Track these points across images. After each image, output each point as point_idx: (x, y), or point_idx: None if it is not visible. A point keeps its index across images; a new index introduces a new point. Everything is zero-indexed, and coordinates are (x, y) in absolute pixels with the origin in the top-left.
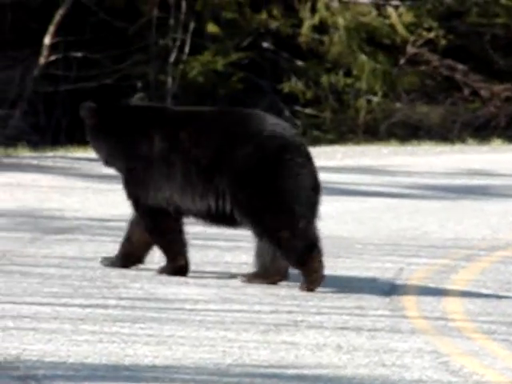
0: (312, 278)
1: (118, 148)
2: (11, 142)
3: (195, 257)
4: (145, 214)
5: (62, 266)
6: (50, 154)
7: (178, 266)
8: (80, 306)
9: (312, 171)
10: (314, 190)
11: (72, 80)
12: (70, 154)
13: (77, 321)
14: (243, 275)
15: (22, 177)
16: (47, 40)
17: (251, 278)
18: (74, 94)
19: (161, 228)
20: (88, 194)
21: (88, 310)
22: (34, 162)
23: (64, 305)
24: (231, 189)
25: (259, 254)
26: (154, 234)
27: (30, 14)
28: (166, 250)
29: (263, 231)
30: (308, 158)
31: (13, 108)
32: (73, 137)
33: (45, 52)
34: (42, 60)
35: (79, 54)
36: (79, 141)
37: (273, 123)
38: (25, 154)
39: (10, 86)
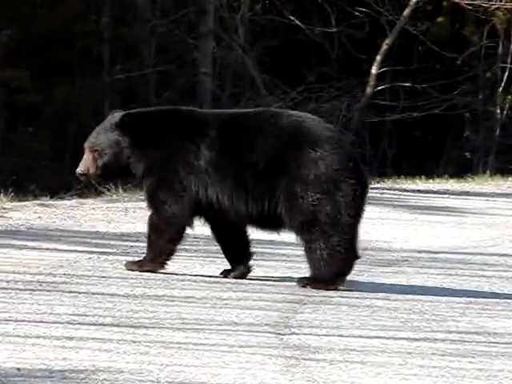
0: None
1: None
2: None
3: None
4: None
5: (390, 298)
6: (377, 185)
7: (148, 268)
8: (408, 339)
9: (363, 178)
10: (362, 197)
11: (399, 110)
12: (396, 186)
13: (405, 354)
14: (300, 279)
15: None
16: (374, 70)
17: (310, 282)
18: (400, 124)
19: (166, 234)
20: (415, 225)
21: (416, 343)
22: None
23: (392, 338)
24: (286, 193)
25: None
26: (156, 234)
27: (356, 45)
28: (155, 250)
29: (311, 236)
30: (359, 165)
31: None
32: (399, 168)
33: (371, 82)
34: (368, 90)
35: (406, 84)
36: (406, 172)
37: (328, 128)
38: None
39: (336, 116)
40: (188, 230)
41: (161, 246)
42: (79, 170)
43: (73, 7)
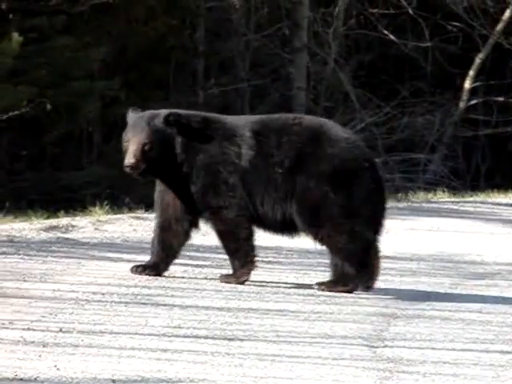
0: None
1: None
2: (431, 186)
3: None
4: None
5: (483, 311)
6: (470, 199)
7: (245, 278)
8: (501, 352)
9: (381, 182)
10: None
11: (492, 124)
12: (489, 200)
13: (498, 367)
14: (319, 284)
15: (441, 222)
16: (467, 84)
17: (329, 286)
18: (493, 138)
19: (239, 234)
20: (508, 239)
21: (509, 356)
22: (454, 207)
23: (485, 351)
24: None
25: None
26: (231, 241)
27: (449, 59)
28: (240, 255)
29: (323, 236)
30: (376, 168)
31: (432, 153)
32: (492, 181)
33: (464, 96)
34: (461, 104)
35: (499, 98)
36: (499, 186)
37: (345, 131)
38: (445, 199)
39: (430, 130)
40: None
41: (242, 248)
42: (129, 161)
43: (168, 22)
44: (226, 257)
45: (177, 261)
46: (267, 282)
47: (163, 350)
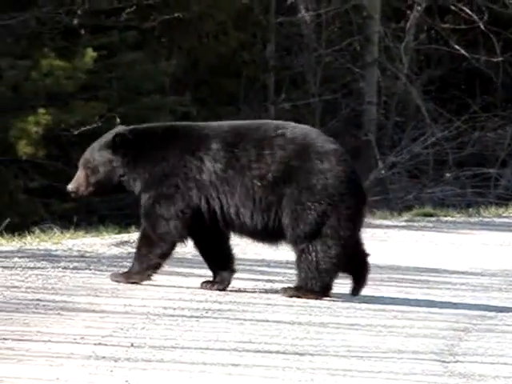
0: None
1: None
2: (502, 201)
3: None
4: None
5: None
6: None
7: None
8: None
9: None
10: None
11: None
12: None
13: None
14: (285, 289)
15: None
16: None
17: (299, 293)
18: None
19: (158, 248)
20: None
21: None
22: None
23: None
24: (293, 202)
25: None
26: (150, 248)
27: None
28: (144, 263)
29: (310, 247)
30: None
31: (503, 167)
32: None
33: None
34: None
35: None
36: None
37: (330, 140)
38: None
39: (501, 145)
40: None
41: (151, 259)
42: (69, 187)
43: (239, 37)
44: (296, 271)
45: (247, 275)
46: (338, 297)
47: (234, 365)
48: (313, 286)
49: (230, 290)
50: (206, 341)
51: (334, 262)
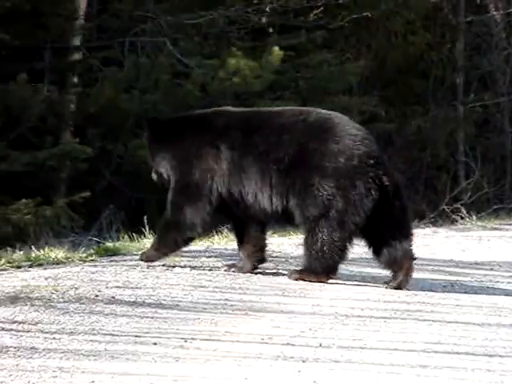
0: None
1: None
2: None
3: None
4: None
5: None
6: None
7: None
8: None
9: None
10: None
11: None
12: None
13: None
14: (292, 272)
15: None
16: None
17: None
18: None
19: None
20: None
21: None
22: None
23: None
24: (303, 183)
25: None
26: (173, 232)
27: None
28: (164, 243)
29: (316, 228)
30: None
31: None
32: None
33: None
34: None
35: None
36: None
37: (355, 126)
38: None
39: None
40: None
41: (170, 242)
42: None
43: (427, 36)
44: (486, 273)
45: (436, 276)
46: None
47: (422, 366)
48: (316, 267)
49: (419, 291)
50: (394, 342)
51: (338, 245)
